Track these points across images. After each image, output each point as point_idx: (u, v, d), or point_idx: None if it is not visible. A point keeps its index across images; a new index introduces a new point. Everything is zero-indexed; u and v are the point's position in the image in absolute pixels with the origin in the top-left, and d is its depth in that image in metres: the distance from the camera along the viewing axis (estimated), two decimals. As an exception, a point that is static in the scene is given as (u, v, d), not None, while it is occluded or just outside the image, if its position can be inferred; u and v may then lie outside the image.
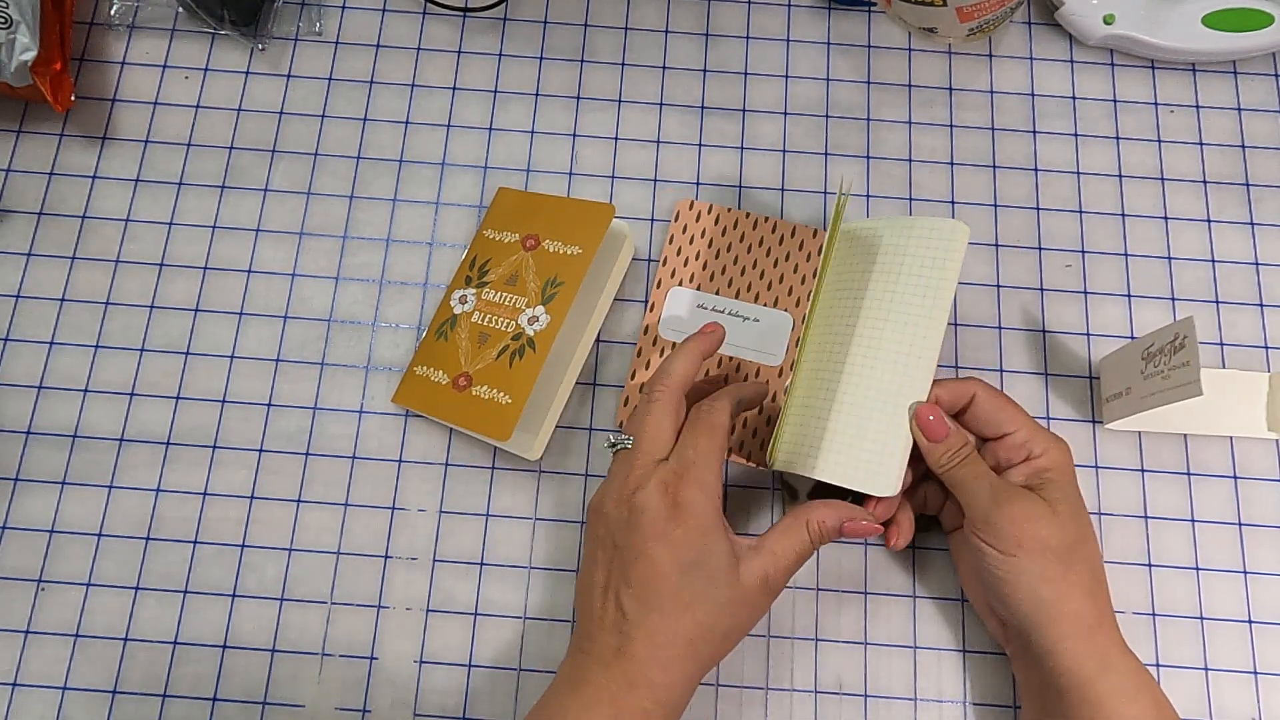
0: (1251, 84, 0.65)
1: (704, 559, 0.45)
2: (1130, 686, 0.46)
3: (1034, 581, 0.47)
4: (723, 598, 0.45)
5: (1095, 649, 0.46)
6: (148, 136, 0.62)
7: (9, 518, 0.55)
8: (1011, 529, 0.47)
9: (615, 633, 0.45)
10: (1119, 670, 0.46)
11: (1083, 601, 0.47)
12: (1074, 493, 0.49)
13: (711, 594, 0.45)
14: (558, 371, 0.57)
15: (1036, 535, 0.47)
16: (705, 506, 0.46)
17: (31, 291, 0.59)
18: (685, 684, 0.46)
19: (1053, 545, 0.47)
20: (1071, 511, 0.48)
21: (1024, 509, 0.47)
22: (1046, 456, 0.49)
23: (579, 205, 0.58)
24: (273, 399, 0.58)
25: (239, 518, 0.56)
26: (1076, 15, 0.64)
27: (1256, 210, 0.62)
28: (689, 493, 0.46)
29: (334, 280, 0.60)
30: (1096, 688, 0.46)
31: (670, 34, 0.65)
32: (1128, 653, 0.47)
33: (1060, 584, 0.47)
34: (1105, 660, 0.46)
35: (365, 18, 0.65)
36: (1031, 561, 0.47)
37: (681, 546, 0.45)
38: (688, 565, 0.45)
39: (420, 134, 0.63)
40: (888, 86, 0.64)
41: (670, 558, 0.45)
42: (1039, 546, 0.47)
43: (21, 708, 0.53)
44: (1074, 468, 0.49)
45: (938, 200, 0.62)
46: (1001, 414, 0.50)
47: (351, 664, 0.54)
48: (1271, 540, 0.56)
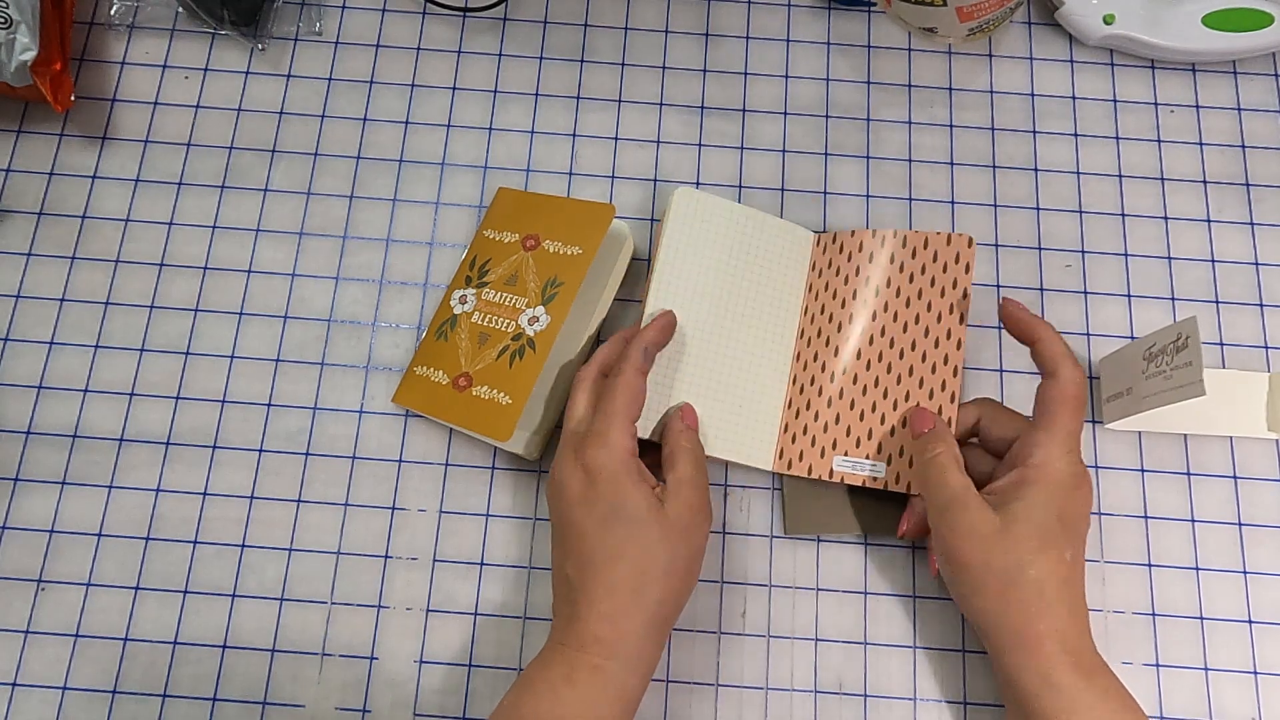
0: (1251, 84, 0.65)
1: (619, 508, 0.47)
2: (1076, 706, 0.45)
3: (969, 594, 0.48)
4: (650, 538, 0.47)
5: (1036, 666, 0.46)
6: (148, 136, 0.62)
7: (9, 518, 0.55)
8: (953, 543, 0.47)
9: (566, 603, 0.48)
10: (1061, 688, 0.45)
11: (1023, 621, 0.46)
12: (1046, 514, 0.47)
13: (637, 538, 0.47)
14: (558, 372, 0.57)
15: (973, 554, 0.47)
16: (610, 461, 0.48)
17: (31, 291, 0.59)
18: (640, 633, 0.47)
19: (994, 565, 0.46)
20: (1030, 533, 0.46)
21: (969, 525, 0.47)
22: (1038, 470, 0.47)
23: (579, 205, 0.58)
24: (273, 399, 0.58)
25: (239, 518, 0.56)
26: (1076, 15, 0.64)
27: (1256, 210, 0.62)
28: (593, 453, 0.48)
29: (334, 280, 0.60)
30: (1036, 704, 0.45)
31: (670, 34, 0.65)
32: (1079, 670, 0.45)
33: (997, 600, 0.47)
34: (1046, 678, 0.45)
35: (365, 18, 0.65)
36: (970, 577, 0.47)
37: (597, 503, 0.47)
38: (606, 519, 0.47)
39: (420, 134, 0.63)
40: (888, 86, 0.64)
41: (589, 517, 0.47)
42: (977, 565, 0.47)
43: (21, 708, 0.53)
44: (1072, 492, 0.47)
45: (938, 200, 0.62)
46: (1053, 406, 0.48)
47: (351, 664, 0.54)
48: (1271, 540, 0.56)
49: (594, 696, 0.45)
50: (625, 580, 0.46)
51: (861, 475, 0.54)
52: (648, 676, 0.48)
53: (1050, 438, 0.48)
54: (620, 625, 0.46)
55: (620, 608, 0.46)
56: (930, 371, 0.54)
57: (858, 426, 0.54)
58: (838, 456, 0.54)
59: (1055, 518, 0.47)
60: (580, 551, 0.47)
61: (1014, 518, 0.47)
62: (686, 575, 0.49)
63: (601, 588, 0.46)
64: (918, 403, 0.53)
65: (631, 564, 0.47)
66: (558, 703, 0.45)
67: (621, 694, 0.46)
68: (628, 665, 0.46)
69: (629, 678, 0.46)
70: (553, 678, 0.46)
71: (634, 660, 0.47)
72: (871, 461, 0.54)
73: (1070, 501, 0.47)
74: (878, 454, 0.54)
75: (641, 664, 0.47)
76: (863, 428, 0.54)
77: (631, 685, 0.47)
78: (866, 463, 0.54)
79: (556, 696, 0.45)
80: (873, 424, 0.54)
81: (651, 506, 0.47)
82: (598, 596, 0.46)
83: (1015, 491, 0.47)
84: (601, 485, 0.47)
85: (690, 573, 0.49)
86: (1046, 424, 0.48)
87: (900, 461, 0.53)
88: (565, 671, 0.46)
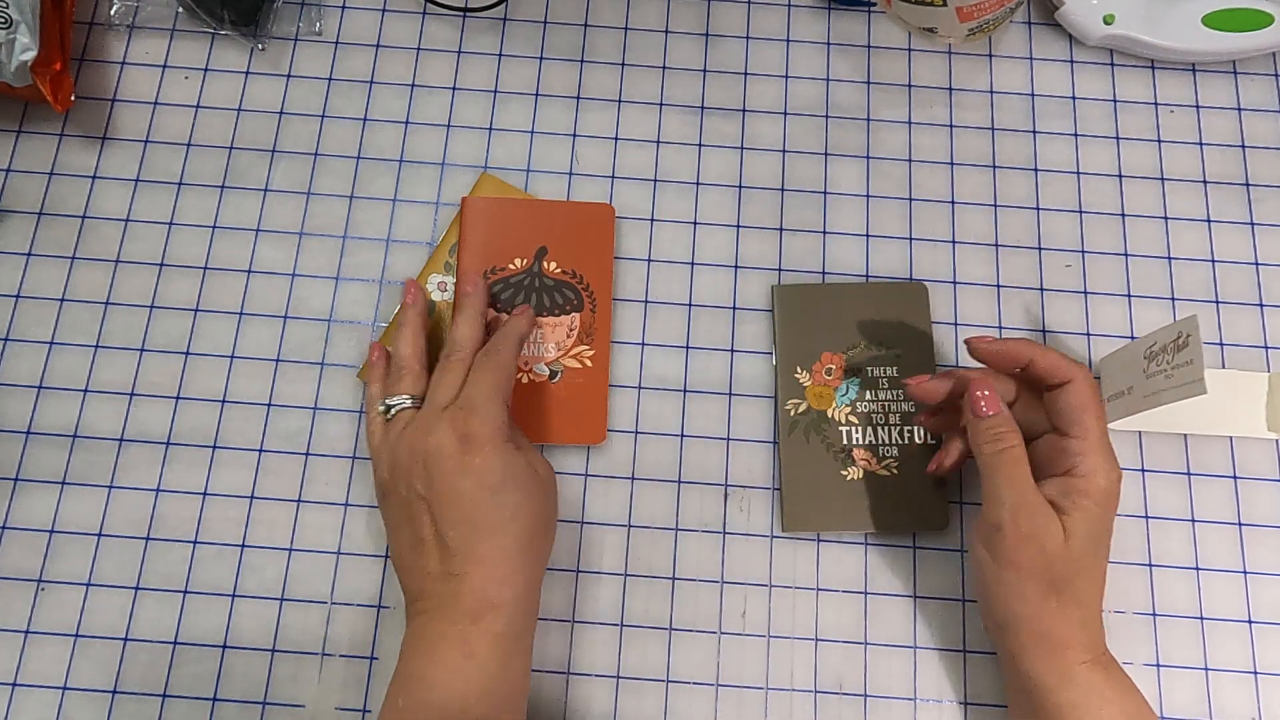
0: (1251, 84, 0.65)
1: (509, 475, 0.48)
2: (1093, 700, 0.45)
3: (1013, 597, 0.47)
4: (538, 498, 0.49)
5: (1057, 664, 0.46)
6: (148, 136, 0.62)
7: (9, 518, 0.55)
8: (1010, 541, 0.46)
9: (445, 576, 0.47)
10: (1080, 684, 0.46)
11: (1055, 625, 0.46)
12: (1100, 525, 0.47)
13: (527, 501, 0.48)
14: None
15: (1030, 559, 0.46)
16: (492, 431, 0.48)
17: (31, 291, 0.59)
18: (528, 592, 0.48)
19: (1043, 573, 0.46)
20: (1086, 544, 0.47)
21: (1031, 530, 0.46)
22: (1089, 480, 0.47)
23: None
24: (273, 399, 0.58)
25: (239, 518, 0.56)
26: (1076, 15, 0.64)
27: (1256, 210, 0.62)
28: (473, 424, 0.48)
29: (334, 280, 0.60)
30: (1054, 698, 0.46)
31: (670, 34, 0.65)
32: (1097, 668, 0.46)
33: (1039, 606, 0.47)
34: (1067, 674, 0.46)
35: (365, 18, 0.65)
36: (1021, 580, 0.47)
37: (484, 472, 0.47)
38: (495, 487, 0.47)
39: (420, 134, 0.63)
40: (888, 86, 0.64)
41: (478, 486, 0.47)
42: (1029, 570, 0.46)
43: (21, 708, 0.52)
44: (1116, 499, 0.48)
45: (938, 200, 0.62)
46: (1085, 415, 0.48)
47: (351, 664, 0.54)
48: (1271, 540, 0.56)
49: (500, 663, 0.46)
50: (517, 543, 0.47)
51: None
52: (534, 621, 0.49)
53: (1091, 446, 0.48)
54: (515, 585, 0.47)
55: (515, 569, 0.47)
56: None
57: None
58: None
59: (1105, 531, 0.48)
60: (467, 519, 0.47)
61: (1072, 532, 0.46)
62: (553, 523, 0.52)
63: (496, 552, 0.47)
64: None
65: (523, 525, 0.48)
66: (465, 681, 0.45)
67: (523, 650, 0.48)
68: (522, 622, 0.47)
69: (525, 634, 0.48)
70: (448, 659, 0.45)
71: (526, 616, 0.48)
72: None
73: (1112, 513, 0.48)
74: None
75: (531, 618, 0.49)
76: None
77: (527, 640, 0.48)
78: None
79: (462, 675, 0.45)
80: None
81: (529, 469, 0.49)
82: (495, 560, 0.46)
83: (1070, 503, 0.47)
84: (488, 454, 0.47)
85: (554, 520, 0.52)
86: (1081, 433, 0.48)
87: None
88: (462, 648, 0.45)
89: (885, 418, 0.57)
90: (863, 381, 0.57)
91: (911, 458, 0.56)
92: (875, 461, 0.56)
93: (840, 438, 0.56)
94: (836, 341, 0.58)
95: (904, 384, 0.53)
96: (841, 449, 0.56)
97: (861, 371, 0.57)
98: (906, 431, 0.56)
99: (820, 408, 0.57)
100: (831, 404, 0.57)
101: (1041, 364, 0.49)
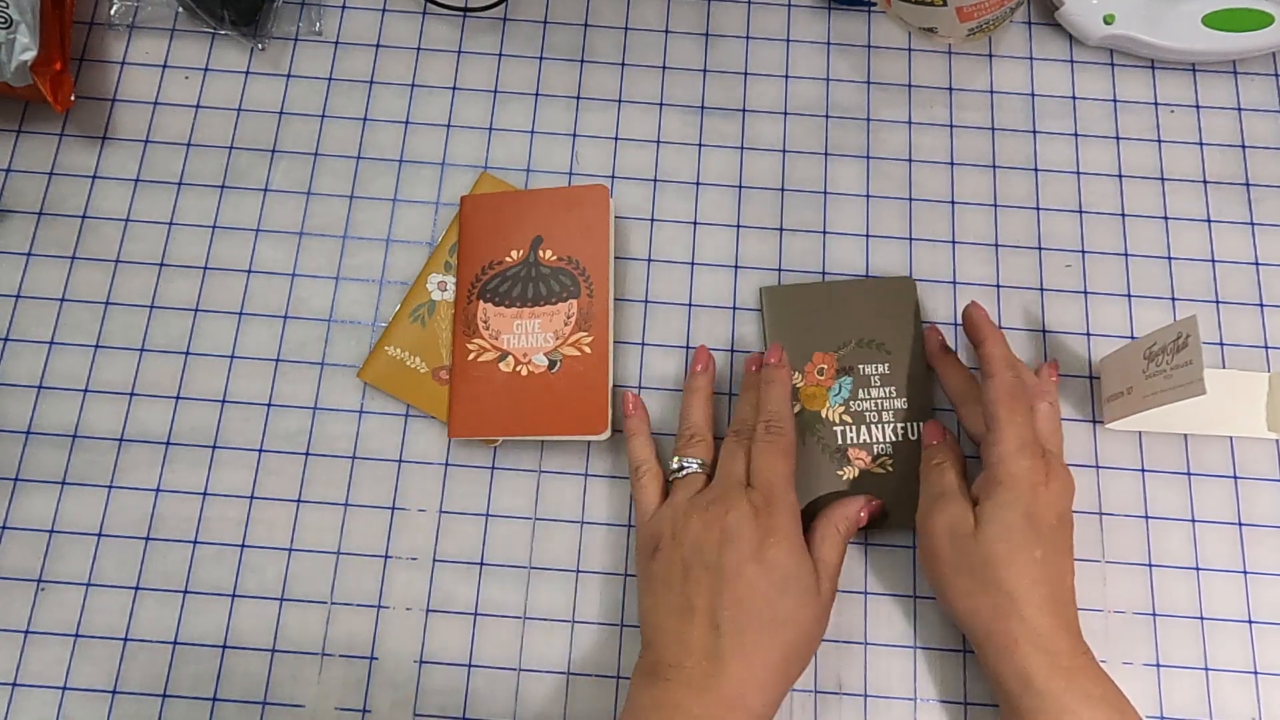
0: (1251, 84, 0.65)
1: (795, 578, 0.47)
2: (1054, 709, 0.45)
3: (950, 595, 0.49)
4: (810, 614, 0.47)
5: (1014, 667, 0.46)
6: (148, 136, 0.62)
7: (9, 518, 0.55)
8: (929, 532, 0.49)
9: (708, 656, 0.46)
10: (1039, 692, 0.46)
11: (995, 621, 0.47)
12: (1014, 512, 0.47)
13: (801, 611, 0.47)
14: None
15: (948, 550, 0.48)
16: (794, 528, 0.49)
17: (31, 291, 0.59)
18: (775, 706, 0.46)
19: (966, 562, 0.48)
20: (1000, 531, 0.47)
21: (947, 519, 0.49)
22: (997, 468, 0.49)
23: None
24: (273, 399, 0.58)
25: (239, 518, 0.56)
26: (1076, 15, 0.64)
27: (1256, 210, 0.62)
28: (779, 517, 0.48)
29: (334, 280, 0.60)
30: (1019, 704, 0.46)
31: (670, 34, 0.65)
32: (1057, 672, 0.46)
33: (970, 600, 0.48)
34: (1026, 680, 0.46)
35: (365, 18, 0.65)
36: (946, 573, 0.48)
37: (775, 567, 0.47)
38: (780, 584, 0.47)
39: (420, 134, 0.63)
40: (888, 86, 0.64)
41: (765, 578, 0.46)
42: (952, 561, 0.48)
43: (21, 708, 0.52)
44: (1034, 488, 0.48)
45: (938, 200, 0.62)
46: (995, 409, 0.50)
47: (351, 664, 0.54)
48: (1271, 540, 0.56)
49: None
50: (782, 650, 0.46)
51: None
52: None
53: (999, 438, 0.49)
54: (768, 695, 0.46)
55: (772, 679, 0.46)
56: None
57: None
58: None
59: (1022, 517, 0.47)
60: (743, 608, 0.46)
61: (983, 518, 0.48)
62: (814, 647, 0.49)
63: (760, 653, 0.46)
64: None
65: (796, 634, 0.47)
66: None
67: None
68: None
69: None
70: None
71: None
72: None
73: (1036, 500, 0.48)
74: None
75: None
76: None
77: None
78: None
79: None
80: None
81: (815, 584, 0.48)
82: (757, 663, 0.46)
83: (983, 491, 0.49)
84: (782, 550, 0.47)
85: (815, 645, 0.49)
86: (993, 426, 0.50)
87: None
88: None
89: (879, 415, 0.56)
90: (855, 380, 0.57)
91: (905, 454, 0.56)
92: (870, 460, 0.56)
93: (835, 438, 0.56)
94: (827, 341, 0.58)
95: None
96: (837, 449, 0.56)
97: (853, 370, 0.57)
98: (900, 428, 0.56)
99: (814, 408, 0.57)
100: (825, 404, 0.57)
101: (982, 350, 0.52)
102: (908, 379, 0.57)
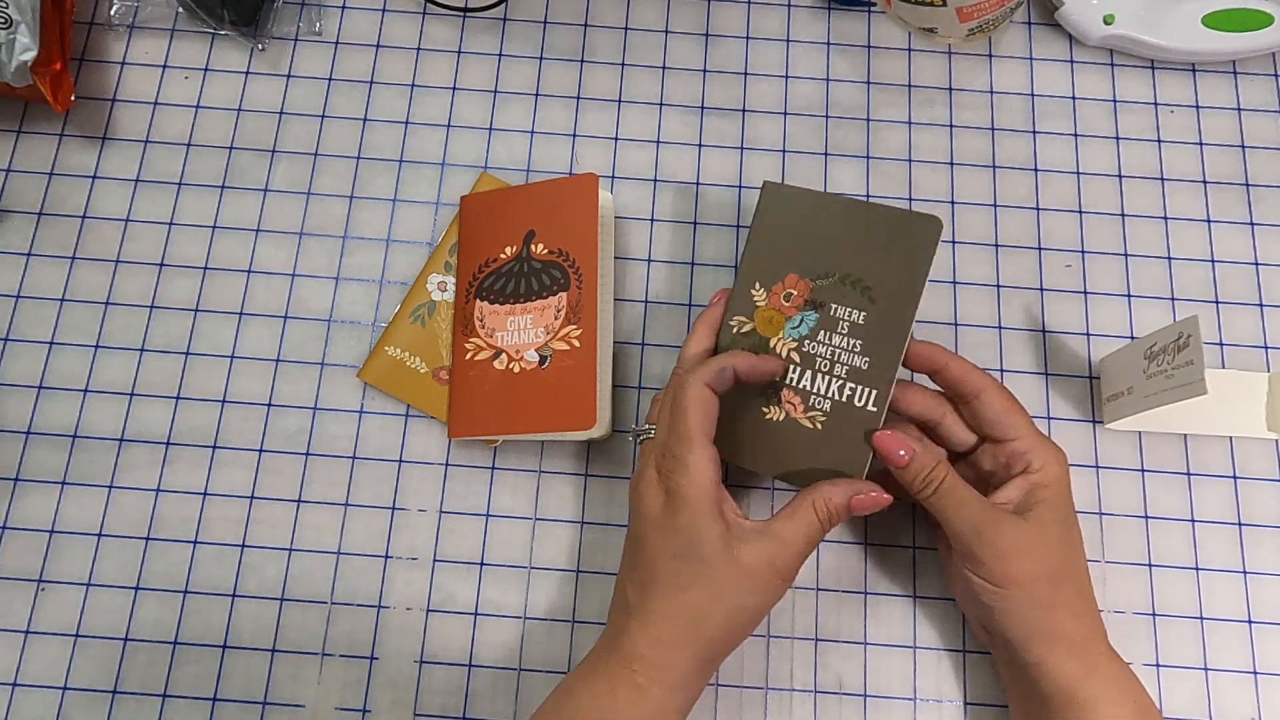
0: (1251, 84, 0.65)
1: (695, 544, 0.46)
2: (1114, 691, 0.46)
3: (1024, 609, 0.47)
4: (718, 580, 0.46)
5: (1082, 659, 0.46)
6: (148, 136, 0.62)
7: (9, 518, 0.55)
8: (1000, 565, 0.46)
9: (621, 614, 0.48)
10: (1103, 676, 0.46)
11: (1071, 621, 0.47)
12: (1066, 509, 0.48)
13: (706, 576, 0.46)
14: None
15: (1024, 568, 0.46)
16: (693, 491, 0.46)
17: (31, 291, 0.59)
18: (687, 665, 0.46)
19: (1041, 574, 0.47)
20: (1061, 532, 0.48)
21: (1011, 541, 0.46)
22: (1045, 472, 0.48)
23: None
24: (273, 399, 0.58)
25: (239, 518, 0.56)
26: (1076, 15, 0.64)
27: (1256, 210, 0.62)
28: (676, 478, 0.46)
29: (334, 280, 0.60)
30: (1081, 693, 0.46)
31: (670, 34, 0.65)
32: (1114, 658, 0.47)
33: (1049, 608, 0.47)
34: (1092, 667, 0.46)
35: (365, 18, 0.65)
36: (1022, 592, 0.47)
37: (674, 533, 0.46)
38: (679, 551, 0.46)
39: (420, 134, 0.63)
40: (888, 86, 0.64)
41: (663, 544, 0.46)
42: (1028, 578, 0.46)
43: (21, 708, 0.52)
44: (1069, 478, 0.49)
45: (938, 200, 0.62)
46: (1009, 417, 0.49)
47: (351, 664, 0.54)
48: (1271, 540, 0.56)
49: (633, 713, 0.45)
50: (684, 612, 0.46)
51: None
52: (687, 708, 0.47)
53: (1031, 443, 0.49)
54: (668, 654, 0.46)
55: (672, 637, 0.46)
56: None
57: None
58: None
59: (1071, 511, 0.49)
60: (646, 574, 0.46)
61: (1043, 521, 0.47)
62: (746, 625, 0.47)
63: (658, 614, 0.46)
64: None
65: (694, 600, 0.46)
66: (599, 710, 0.45)
67: (661, 717, 0.46)
68: (670, 692, 0.46)
69: (669, 704, 0.46)
70: (596, 688, 0.46)
71: (677, 689, 0.46)
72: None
73: (1070, 490, 0.49)
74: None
75: (683, 694, 0.46)
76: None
77: (670, 710, 0.46)
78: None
79: (598, 705, 0.45)
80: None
81: (724, 549, 0.45)
82: (653, 620, 0.46)
83: (1034, 498, 0.47)
84: (681, 515, 0.46)
85: (751, 623, 0.48)
86: (1017, 433, 0.49)
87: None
88: (608, 684, 0.46)
89: (830, 365, 0.50)
90: (821, 319, 0.51)
91: (841, 417, 0.50)
92: (802, 409, 0.50)
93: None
94: (810, 264, 0.51)
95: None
96: (771, 385, 0.51)
97: (823, 307, 0.51)
98: (849, 389, 0.50)
99: (766, 334, 0.51)
100: (779, 334, 0.51)
101: (952, 371, 0.50)
102: (880, 338, 0.50)
